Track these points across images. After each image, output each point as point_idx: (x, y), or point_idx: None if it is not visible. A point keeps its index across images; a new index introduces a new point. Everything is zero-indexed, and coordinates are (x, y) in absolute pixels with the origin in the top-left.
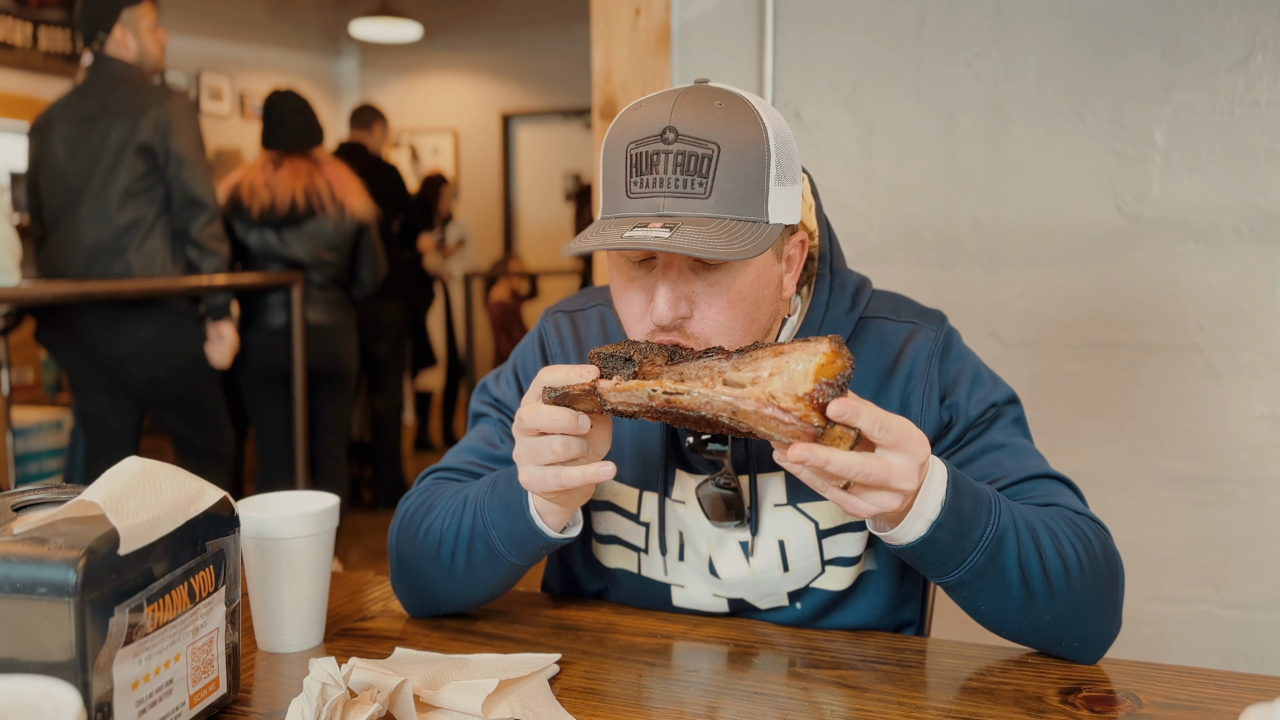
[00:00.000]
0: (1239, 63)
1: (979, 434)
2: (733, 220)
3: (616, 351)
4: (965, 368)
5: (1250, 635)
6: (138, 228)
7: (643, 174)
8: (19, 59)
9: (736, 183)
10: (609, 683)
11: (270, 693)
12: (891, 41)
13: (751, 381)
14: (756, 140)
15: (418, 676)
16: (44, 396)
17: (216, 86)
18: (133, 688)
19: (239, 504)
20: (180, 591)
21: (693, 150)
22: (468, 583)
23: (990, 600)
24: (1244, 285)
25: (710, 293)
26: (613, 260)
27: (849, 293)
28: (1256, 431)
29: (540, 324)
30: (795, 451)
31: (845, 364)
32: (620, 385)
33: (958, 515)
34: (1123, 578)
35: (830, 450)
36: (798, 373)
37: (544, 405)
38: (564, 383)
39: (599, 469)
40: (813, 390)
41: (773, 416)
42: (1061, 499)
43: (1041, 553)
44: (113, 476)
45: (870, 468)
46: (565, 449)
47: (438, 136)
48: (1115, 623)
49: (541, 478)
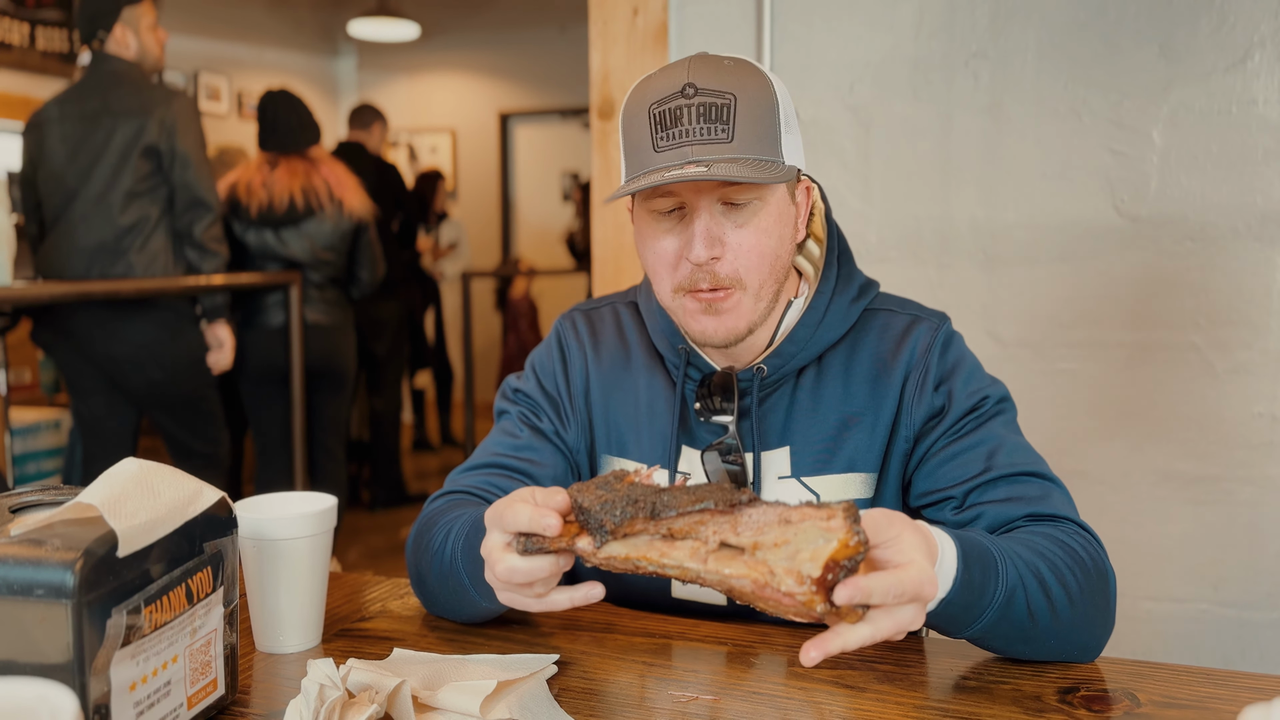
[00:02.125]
0: (1237, 63)
1: (976, 425)
2: (755, 159)
3: (596, 501)
4: (964, 361)
5: (1249, 634)
6: (141, 228)
7: (668, 128)
8: (16, 59)
9: (755, 126)
10: (607, 683)
11: (269, 694)
12: (889, 40)
13: (752, 547)
14: (766, 90)
15: (416, 677)
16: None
17: (214, 86)
18: (130, 689)
19: (237, 505)
20: (178, 593)
21: (713, 101)
22: (457, 607)
23: (998, 644)
24: (1242, 284)
25: (739, 233)
26: (640, 216)
27: (856, 285)
28: (1255, 430)
29: (557, 324)
30: (808, 658)
31: (859, 548)
32: (604, 555)
33: (969, 588)
34: (1114, 585)
35: (842, 636)
36: (804, 553)
37: (518, 559)
38: (531, 527)
39: (588, 593)
40: (822, 576)
41: (773, 599)
42: (1053, 502)
43: (1048, 593)
44: (110, 478)
45: (883, 631)
46: (547, 587)
47: (436, 136)
48: (1110, 627)
49: (523, 604)
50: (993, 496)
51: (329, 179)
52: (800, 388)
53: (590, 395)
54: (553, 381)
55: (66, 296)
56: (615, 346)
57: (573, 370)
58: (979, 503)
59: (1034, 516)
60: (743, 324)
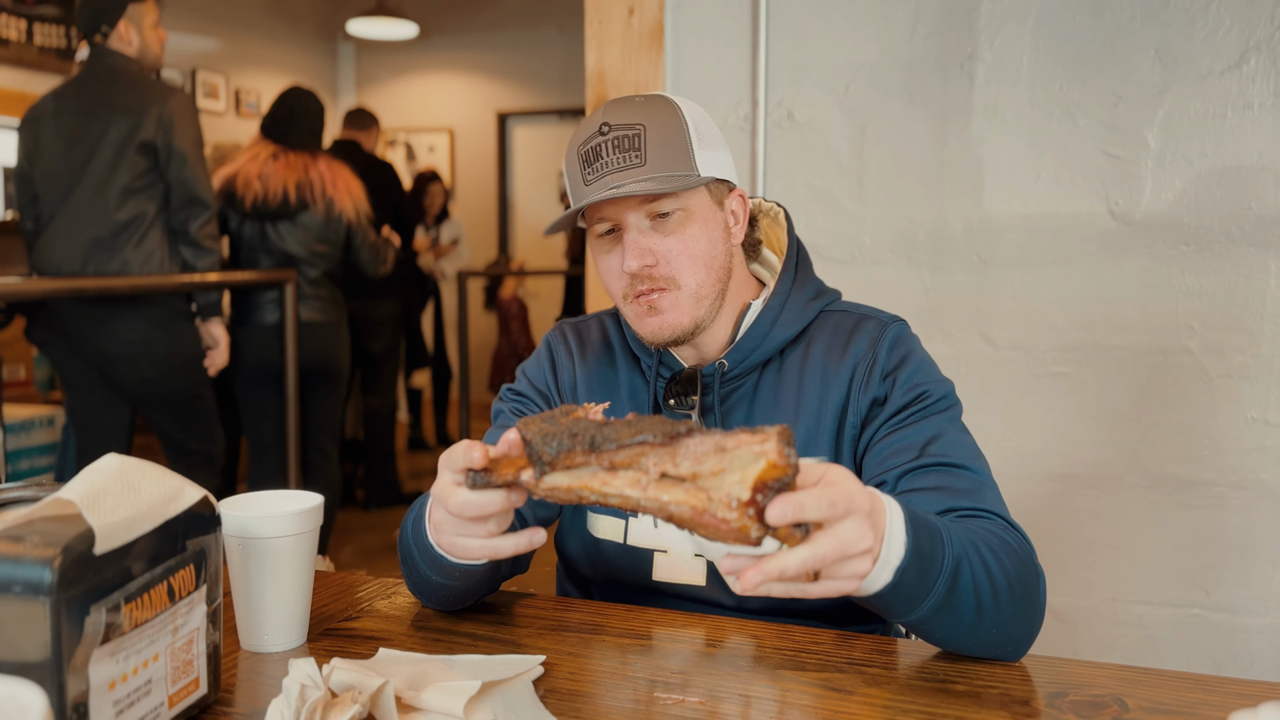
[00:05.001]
0: (1232, 66)
1: (918, 417)
2: (667, 176)
3: (538, 435)
4: (912, 356)
5: (1240, 639)
6: (137, 225)
7: (591, 164)
8: (13, 55)
9: (665, 148)
10: (594, 685)
11: (252, 693)
12: (884, 42)
13: (691, 476)
14: (674, 116)
15: (400, 678)
16: (36, 393)
17: (212, 84)
18: (110, 688)
19: (222, 503)
20: (159, 590)
21: (625, 133)
22: (421, 585)
23: (946, 627)
24: (1235, 288)
25: (667, 241)
26: (590, 244)
27: (813, 288)
28: (1247, 435)
29: (547, 336)
30: (747, 581)
31: (788, 469)
32: (546, 486)
33: (919, 554)
34: (1044, 585)
35: (780, 559)
36: (735, 475)
37: (469, 493)
38: (465, 460)
39: (531, 538)
40: (751, 498)
41: (711, 525)
42: (983, 497)
43: (990, 572)
44: (90, 474)
45: (822, 550)
46: (499, 526)
47: (433, 135)
48: (1039, 625)
49: (467, 549)
50: (921, 484)
51: (325, 175)
52: (762, 383)
53: (578, 393)
54: (542, 380)
55: (61, 292)
56: (600, 351)
57: (561, 372)
58: (908, 489)
59: (963, 510)
60: (685, 320)
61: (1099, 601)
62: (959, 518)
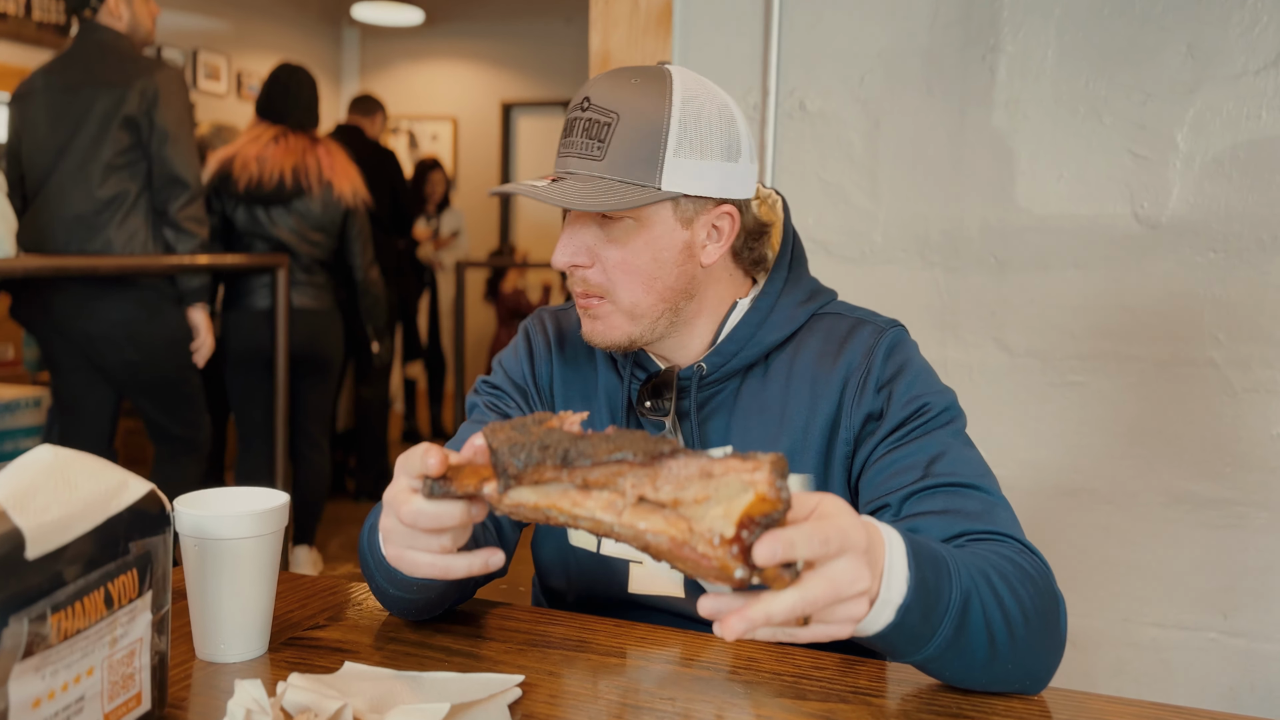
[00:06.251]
0: (1268, 64)
1: (920, 433)
2: (618, 182)
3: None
4: (910, 366)
5: (1259, 665)
6: (119, 203)
7: (566, 136)
8: (11, 29)
9: (630, 149)
10: (575, 710)
11: (205, 707)
12: (903, 31)
13: (672, 502)
14: (657, 113)
15: (362, 697)
16: (25, 374)
17: (214, 65)
18: (34, 706)
19: (178, 500)
20: (95, 598)
21: (597, 118)
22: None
23: (956, 666)
24: (1265, 298)
25: (609, 248)
26: None
27: (806, 289)
28: (1273, 453)
29: (525, 323)
30: (730, 629)
31: (779, 504)
32: (511, 501)
33: (924, 590)
34: (1065, 612)
35: (765, 604)
36: (720, 508)
37: (425, 501)
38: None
39: (488, 559)
40: (736, 535)
41: (691, 559)
42: (997, 519)
43: (1002, 604)
44: (19, 468)
45: (814, 593)
46: (454, 542)
47: (437, 124)
48: (1060, 654)
49: (415, 563)
50: (930, 507)
51: (323, 159)
52: (745, 389)
53: (554, 387)
54: (519, 372)
55: (43, 271)
56: (578, 343)
57: (538, 363)
58: (915, 513)
59: (975, 534)
60: (618, 335)
61: (1111, 623)
62: (969, 541)
